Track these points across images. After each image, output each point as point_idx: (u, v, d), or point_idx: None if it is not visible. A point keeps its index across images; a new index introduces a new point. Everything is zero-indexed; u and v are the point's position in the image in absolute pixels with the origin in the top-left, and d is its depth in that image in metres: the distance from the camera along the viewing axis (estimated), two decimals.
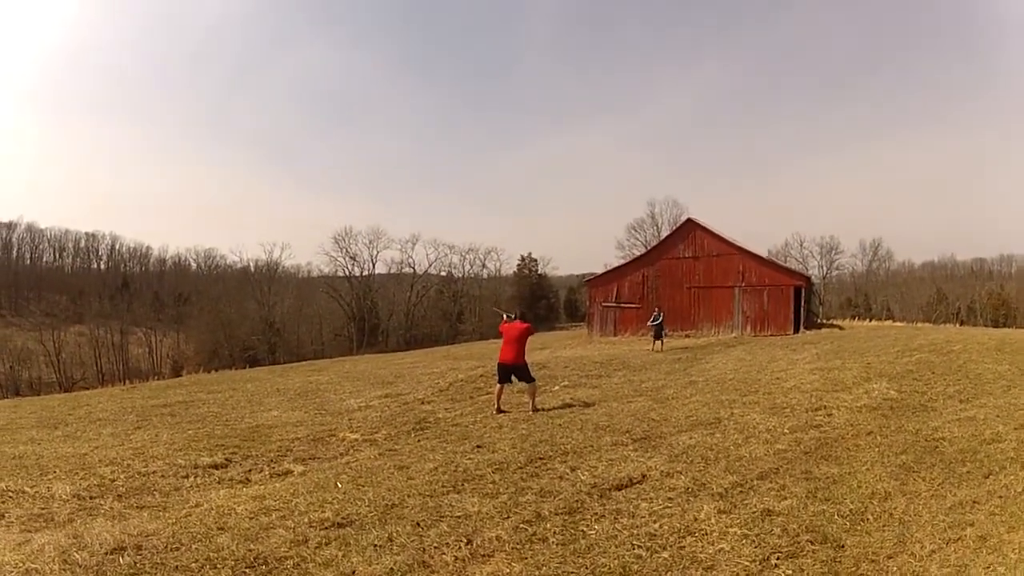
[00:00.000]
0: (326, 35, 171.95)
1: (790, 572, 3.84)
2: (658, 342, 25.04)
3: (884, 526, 4.54)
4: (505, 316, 11.62)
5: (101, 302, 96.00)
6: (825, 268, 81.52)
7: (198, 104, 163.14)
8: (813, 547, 4.15)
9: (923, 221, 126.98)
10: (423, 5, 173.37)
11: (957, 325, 49.38)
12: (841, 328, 35.28)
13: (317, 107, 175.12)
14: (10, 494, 6.85)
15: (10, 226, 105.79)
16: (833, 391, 10.18)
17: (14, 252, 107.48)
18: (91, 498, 6.78)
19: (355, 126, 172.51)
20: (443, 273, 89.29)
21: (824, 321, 47.39)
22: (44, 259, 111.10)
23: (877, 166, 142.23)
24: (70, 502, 6.59)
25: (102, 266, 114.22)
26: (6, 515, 6.04)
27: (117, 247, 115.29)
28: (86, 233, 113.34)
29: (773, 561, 3.98)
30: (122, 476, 7.67)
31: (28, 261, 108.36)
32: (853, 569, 3.85)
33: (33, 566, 4.48)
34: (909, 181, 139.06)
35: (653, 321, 26.11)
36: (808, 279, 41.67)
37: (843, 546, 4.16)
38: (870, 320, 50.48)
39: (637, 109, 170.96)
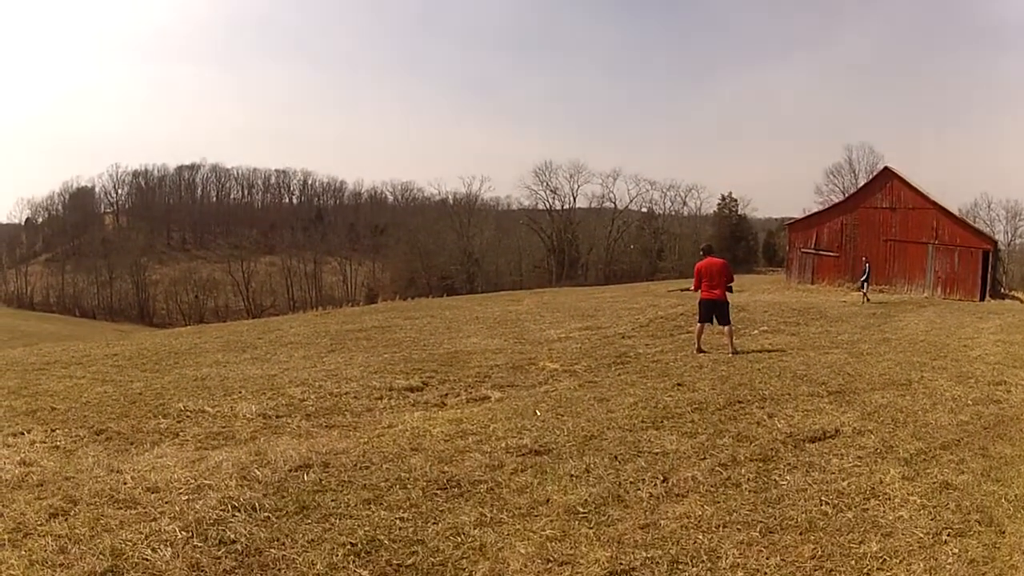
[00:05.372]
0: None
1: (956, 551, 3.55)
2: (861, 293, 25.04)
3: None
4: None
5: (294, 234, 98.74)
6: (1010, 234, 70.03)
7: (387, 42, 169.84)
8: (979, 528, 3.85)
9: None
10: None
11: None
12: (1022, 301, 32.58)
13: (519, 41, 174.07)
14: (188, 414, 6.81)
15: (193, 167, 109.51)
16: (1013, 367, 9.49)
17: (199, 191, 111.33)
18: (277, 417, 6.69)
19: (555, 60, 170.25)
20: (643, 209, 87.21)
21: (1007, 292, 42.14)
22: (232, 196, 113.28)
23: None
24: (254, 421, 6.51)
25: (294, 200, 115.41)
26: (180, 434, 6.03)
27: (310, 182, 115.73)
28: (276, 170, 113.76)
29: (944, 537, 3.73)
30: (312, 396, 7.63)
31: (214, 199, 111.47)
32: (1007, 558, 3.49)
33: (207, 482, 4.36)
34: None
35: (863, 276, 25.80)
36: (995, 243, 38.41)
37: (1004, 532, 3.81)
38: None
39: (830, 45, 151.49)
